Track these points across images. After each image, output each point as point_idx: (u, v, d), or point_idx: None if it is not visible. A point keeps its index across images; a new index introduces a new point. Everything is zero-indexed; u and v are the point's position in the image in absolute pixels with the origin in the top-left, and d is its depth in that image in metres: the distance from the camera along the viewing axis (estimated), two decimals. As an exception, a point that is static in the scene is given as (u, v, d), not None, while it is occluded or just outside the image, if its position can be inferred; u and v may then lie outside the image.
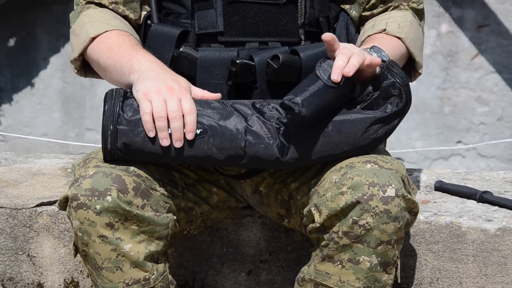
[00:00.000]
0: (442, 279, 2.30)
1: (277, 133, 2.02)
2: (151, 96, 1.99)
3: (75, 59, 2.20)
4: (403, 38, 2.20)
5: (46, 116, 5.51)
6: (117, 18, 2.19)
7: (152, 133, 1.98)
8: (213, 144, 2.00)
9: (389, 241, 1.99)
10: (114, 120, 1.99)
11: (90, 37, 2.15)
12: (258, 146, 2.01)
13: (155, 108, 1.98)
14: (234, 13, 2.17)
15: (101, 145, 2.03)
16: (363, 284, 2.01)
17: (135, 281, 2.04)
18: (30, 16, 5.36)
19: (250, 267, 2.38)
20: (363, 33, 2.24)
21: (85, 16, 2.19)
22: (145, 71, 2.04)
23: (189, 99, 2.00)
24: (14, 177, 2.54)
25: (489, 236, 2.27)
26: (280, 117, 2.03)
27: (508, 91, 5.23)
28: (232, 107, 2.04)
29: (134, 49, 2.10)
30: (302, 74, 2.10)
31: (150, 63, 2.07)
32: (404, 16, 2.24)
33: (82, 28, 2.18)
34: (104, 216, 1.99)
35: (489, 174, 2.59)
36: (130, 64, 2.07)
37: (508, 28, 5.16)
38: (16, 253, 2.39)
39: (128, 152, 2.01)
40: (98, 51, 2.14)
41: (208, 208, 2.22)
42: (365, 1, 2.24)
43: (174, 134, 1.98)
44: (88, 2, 2.22)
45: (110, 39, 2.14)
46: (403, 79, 2.03)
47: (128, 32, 2.16)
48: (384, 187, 1.97)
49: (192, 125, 1.99)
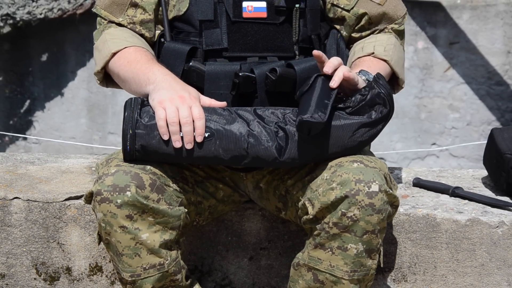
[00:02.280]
0: (419, 263, 2.29)
1: (275, 136, 2.01)
2: (165, 104, 1.98)
3: (98, 72, 2.19)
4: (389, 61, 2.20)
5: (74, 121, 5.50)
6: (135, 36, 2.19)
7: (166, 136, 1.98)
8: (220, 145, 2.00)
9: (373, 230, 1.98)
10: (133, 125, 1.99)
11: (111, 52, 2.15)
12: (259, 147, 2.00)
13: (169, 115, 1.97)
14: (237, 31, 2.16)
15: (122, 147, 2.03)
16: (350, 268, 2.00)
17: (151, 265, 2.03)
18: (60, 35, 5.35)
19: (251, 253, 2.37)
20: (353, 54, 2.23)
21: (107, 34, 2.19)
22: (159, 83, 2.04)
23: (198, 106, 2.00)
24: (46, 175, 2.53)
25: (460, 226, 2.26)
26: (278, 122, 2.02)
27: (476, 99, 5.22)
28: (236, 113, 2.03)
29: (149, 63, 2.10)
30: (297, 85, 2.10)
31: (164, 75, 2.06)
32: (388, 40, 2.24)
33: (104, 45, 2.17)
34: (124, 209, 1.98)
35: (460, 172, 2.59)
36: (146, 76, 2.06)
37: (476, 45, 5.15)
38: (48, 241, 2.38)
39: (145, 153, 2.01)
40: (118, 65, 2.14)
41: (215, 202, 2.22)
42: (354, 24, 2.24)
43: (185, 137, 1.98)
44: (110, 22, 2.22)
45: (129, 54, 2.13)
46: (387, 90, 2.03)
47: (145, 48, 2.16)
48: (369, 183, 1.96)
49: (201, 129, 1.98)
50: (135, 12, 2.20)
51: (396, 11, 2.26)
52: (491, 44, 5.13)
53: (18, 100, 5.48)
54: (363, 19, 2.23)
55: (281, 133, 2.01)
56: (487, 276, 2.27)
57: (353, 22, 2.23)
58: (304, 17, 2.17)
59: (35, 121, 5.52)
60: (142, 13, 2.20)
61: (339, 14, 2.22)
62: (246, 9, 2.16)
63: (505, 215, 2.26)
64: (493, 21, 5.11)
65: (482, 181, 2.49)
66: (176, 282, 2.09)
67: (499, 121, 5.22)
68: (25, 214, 2.37)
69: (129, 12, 2.20)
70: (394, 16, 2.26)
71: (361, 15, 2.22)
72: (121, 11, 2.21)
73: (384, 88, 2.03)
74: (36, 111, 5.51)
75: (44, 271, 2.40)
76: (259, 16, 2.16)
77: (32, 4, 5.13)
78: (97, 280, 2.39)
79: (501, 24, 5.11)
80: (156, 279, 2.04)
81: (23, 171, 2.56)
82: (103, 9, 2.22)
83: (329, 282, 2.02)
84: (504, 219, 2.24)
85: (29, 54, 5.41)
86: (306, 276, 2.05)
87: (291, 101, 2.12)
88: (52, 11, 5.17)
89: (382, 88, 2.02)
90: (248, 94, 2.13)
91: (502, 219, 2.25)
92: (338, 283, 2.01)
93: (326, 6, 2.21)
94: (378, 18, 2.24)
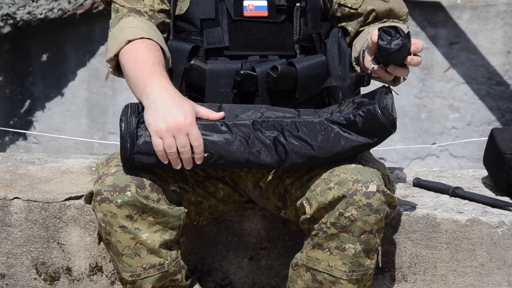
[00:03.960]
0: (419, 263, 2.30)
1: (275, 151, 2.00)
2: (161, 134, 1.95)
3: (111, 59, 2.13)
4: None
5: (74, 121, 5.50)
6: (153, 29, 2.15)
7: (166, 161, 1.97)
8: (218, 163, 2.00)
9: (371, 230, 1.98)
10: (131, 148, 1.97)
11: (127, 39, 2.09)
12: (258, 163, 2.01)
13: (167, 145, 1.95)
14: (238, 30, 2.16)
15: (120, 156, 2.00)
16: (348, 268, 2.00)
17: (151, 265, 2.04)
18: (60, 35, 5.35)
19: (251, 253, 2.37)
20: (359, 40, 2.21)
21: (125, 22, 2.14)
22: (154, 100, 1.98)
23: (195, 130, 1.97)
24: (46, 175, 2.53)
25: (460, 226, 2.26)
26: (277, 137, 2.01)
27: (476, 99, 5.22)
28: (235, 130, 2.00)
29: (153, 68, 2.04)
30: (298, 83, 2.10)
31: (160, 88, 2.00)
32: (394, 23, 2.24)
33: (120, 32, 2.12)
34: (124, 209, 1.98)
35: (460, 172, 2.59)
36: (144, 84, 2.02)
37: (476, 45, 5.15)
38: (48, 241, 2.38)
39: (145, 165, 2.01)
40: (126, 57, 2.09)
41: (215, 202, 2.22)
42: (362, 20, 2.23)
43: (185, 164, 1.97)
44: (130, 11, 2.16)
45: (140, 49, 2.08)
46: (388, 111, 2.00)
47: (158, 45, 2.11)
48: (367, 183, 1.96)
49: (200, 154, 1.98)
50: (152, 2, 2.17)
51: (401, 7, 2.27)
52: (491, 44, 5.13)
53: (18, 100, 5.48)
54: (371, 16, 2.23)
55: (280, 148, 2.00)
56: (487, 276, 2.27)
57: (362, 19, 2.23)
58: (305, 15, 2.17)
59: (35, 121, 5.52)
60: (159, 3, 2.17)
61: (347, 13, 2.22)
62: (247, 8, 2.16)
63: (505, 215, 2.26)
64: (493, 21, 5.11)
65: (482, 181, 2.49)
66: (176, 282, 2.09)
67: (499, 121, 5.22)
68: (25, 214, 2.37)
69: (146, 1, 2.18)
70: (400, 13, 2.26)
71: (369, 12, 2.22)
72: None
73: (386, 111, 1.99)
74: (36, 111, 5.51)
75: (44, 271, 2.40)
76: (260, 14, 2.16)
77: (32, 4, 5.13)
78: (97, 280, 2.39)
79: (501, 24, 5.11)
80: (156, 279, 2.05)
81: (23, 171, 2.56)
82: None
83: (327, 282, 2.02)
84: (504, 219, 2.25)
85: (29, 54, 5.42)
86: (304, 276, 2.05)
87: (292, 99, 2.12)
88: (52, 11, 5.17)
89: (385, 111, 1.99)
90: (250, 92, 2.13)
91: (502, 219, 2.25)
92: (337, 283, 2.01)
93: (333, 6, 2.21)
94: (385, 14, 2.24)
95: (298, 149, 1.99)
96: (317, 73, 2.12)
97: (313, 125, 2.00)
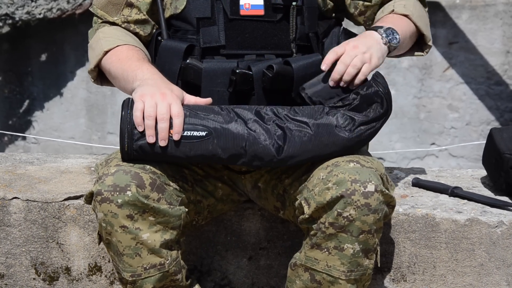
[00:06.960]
0: (419, 263, 2.30)
1: (274, 134, 2.02)
2: (144, 98, 1.99)
3: (91, 70, 2.20)
4: (410, 15, 2.20)
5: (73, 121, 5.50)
6: (128, 34, 2.20)
7: (140, 128, 1.98)
8: (217, 144, 2.00)
9: (369, 230, 1.99)
10: (131, 125, 1.99)
11: (104, 50, 2.16)
12: (257, 146, 2.01)
13: (146, 108, 1.97)
14: (234, 29, 2.17)
15: (119, 146, 2.03)
16: (347, 268, 2.01)
17: (152, 265, 2.04)
18: (59, 35, 5.35)
19: (250, 253, 2.37)
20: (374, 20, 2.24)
21: (100, 33, 2.20)
22: (146, 80, 2.05)
23: (178, 104, 2.00)
24: (45, 175, 2.53)
25: (459, 226, 2.26)
26: (276, 120, 2.03)
27: (475, 99, 5.22)
28: (234, 112, 2.03)
29: (140, 62, 2.11)
30: (294, 82, 2.11)
31: (152, 74, 2.07)
32: (408, 0, 2.25)
33: (97, 43, 2.18)
34: (125, 209, 1.99)
35: (459, 172, 2.59)
36: (135, 73, 2.08)
37: (475, 45, 5.15)
38: (47, 241, 2.39)
39: (143, 152, 2.01)
40: (110, 62, 2.15)
41: (214, 201, 2.22)
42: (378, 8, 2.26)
43: (159, 134, 1.98)
44: (104, 22, 2.23)
45: (120, 53, 2.14)
46: (385, 89, 2.03)
47: (138, 47, 2.17)
48: (365, 183, 1.97)
49: (178, 127, 1.98)
50: (130, 12, 2.22)
51: None
52: (490, 44, 5.13)
53: (17, 100, 5.48)
54: None
55: (279, 132, 2.01)
56: (486, 276, 2.27)
57: (377, 9, 2.24)
58: (301, 14, 2.18)
59: (34, 121, 5.52)
60: (137, 13, 2.21)
61: (361, 8, 2.23)
62: (243, 7, 2.17)
63: (504, 215, 2.26)
64: (492, 21, 5.12)
65: (481, 181, 2.49)
66: (176, 282, 2.09)
67: (498, 121, 5.22)
68: (24, 214, 2.37)
69: (124, 12, 2.22)
70: None
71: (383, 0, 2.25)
72: (117, 10, 2.22)
73: (382, 87, 2.03)
74: (35, 111, 5.51)
75: (43, 271, 2.40)
76: (256, 13, 2.17)
77: (31, 4, 5.13)
78: (96, 280, 2.40)
79: (500, 24, 5.11)
80: (156, 279, 2.05)
81: (22, 171, 2.56)
82: (100, 9, 2.24)
83: (326, 282, 2.02)
84: (503, 219, 2.25)
85: (28, 54, 5.41)
86: (303, 276, 2.05)
87: (288, 98, 2.13)
88: (51, 11, 5.17)
89: (380, 86, 2.03)
90: (245, 91, 2.13)
91: (501, 219, 2.25)
92: (335, 283, 2.02)
93: (346, 2, 2.23)
94: None
95: (296, 130, 2.01)
96: (313, 72, 2.13)
97: (311, 109, 2.05)
